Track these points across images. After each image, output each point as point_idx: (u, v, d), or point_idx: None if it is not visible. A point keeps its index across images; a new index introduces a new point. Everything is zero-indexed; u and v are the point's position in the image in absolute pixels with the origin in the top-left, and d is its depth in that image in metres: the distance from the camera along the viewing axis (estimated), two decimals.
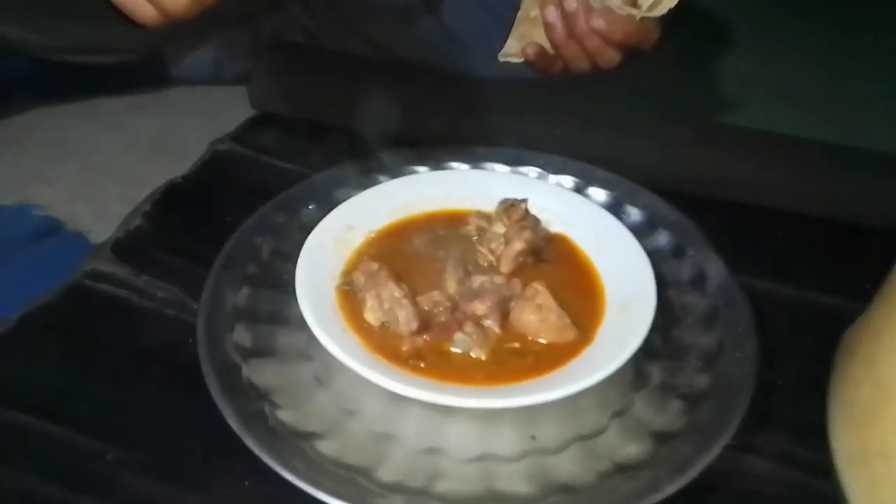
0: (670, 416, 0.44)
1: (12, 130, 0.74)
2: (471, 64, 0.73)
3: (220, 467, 0.43)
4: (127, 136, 0.75)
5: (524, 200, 0.54)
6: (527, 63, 0.61)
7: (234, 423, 0.41)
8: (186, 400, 0.45)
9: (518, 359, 0.46)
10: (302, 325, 0.45)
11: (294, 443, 0.41)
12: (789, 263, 0.60)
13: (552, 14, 0.55)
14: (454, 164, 0.62)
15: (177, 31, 0.77)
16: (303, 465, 0.40)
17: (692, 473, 0.40)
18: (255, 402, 0.43)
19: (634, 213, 0.59)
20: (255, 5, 0.64)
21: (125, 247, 0.57)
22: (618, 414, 0.45)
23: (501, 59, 0.58)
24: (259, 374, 0.45)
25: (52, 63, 0.73)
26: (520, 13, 0.56)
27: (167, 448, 0.44)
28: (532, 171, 0.62)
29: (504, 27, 0.70)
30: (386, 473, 0.41)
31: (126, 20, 0.72)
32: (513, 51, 0.61)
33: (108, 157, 0.71)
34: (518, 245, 0.51)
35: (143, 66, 0.80)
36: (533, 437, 0.43)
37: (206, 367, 0.44)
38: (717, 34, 1.04)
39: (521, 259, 0.52)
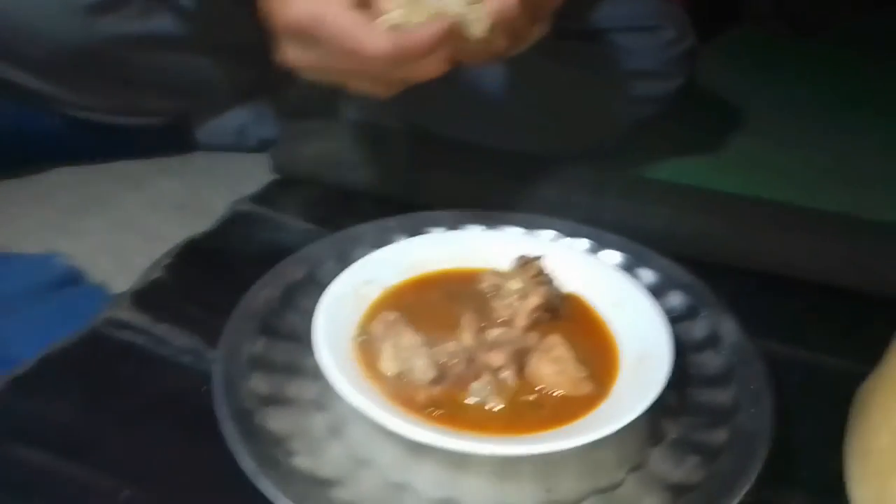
0: (687, 470, 0.44)
1: (41, 187, 0.77)
2: (489, 135, 0.75)
3: None
4: (150, 195, 0.76)
5: (540, 257, 0.54)
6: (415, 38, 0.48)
7: (249, 467, 0.41)
8: (200, 443, 0.45)
9: (535, 410, 0.45)
10: (316, 375, 0.45)
11: (309, 489, 0.41)
12: (802, 329, 0.61)
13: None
14: (470, 227, 0.63)
15: (207, 98, 0.81)
16: None
17: None
18: (270, 447, 0.43)
19: (647, 276, 0.59)
20: (280, 79, 0.65)
21: (145, 297, 0.57)
22: (634, 468, 0.45)
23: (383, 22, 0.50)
24: (274, 420, 0.45)
25: (83, 123, 0.76)
26: None
27: (179, 488, 0.44)
28: (547, 233, 0.63)
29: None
30: None
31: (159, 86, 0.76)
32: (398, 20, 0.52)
33: (132, 214, 0.73)
34: (534, 300, 0.51)
35: (169, 130, 0.82)
36: (549, 490, 0.43)
37: (221, 412, 0.44)
38: (725, 117, 1.07)
39: (536, 314, 0.52)
